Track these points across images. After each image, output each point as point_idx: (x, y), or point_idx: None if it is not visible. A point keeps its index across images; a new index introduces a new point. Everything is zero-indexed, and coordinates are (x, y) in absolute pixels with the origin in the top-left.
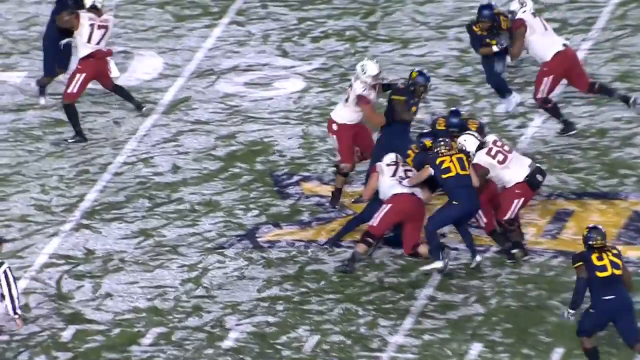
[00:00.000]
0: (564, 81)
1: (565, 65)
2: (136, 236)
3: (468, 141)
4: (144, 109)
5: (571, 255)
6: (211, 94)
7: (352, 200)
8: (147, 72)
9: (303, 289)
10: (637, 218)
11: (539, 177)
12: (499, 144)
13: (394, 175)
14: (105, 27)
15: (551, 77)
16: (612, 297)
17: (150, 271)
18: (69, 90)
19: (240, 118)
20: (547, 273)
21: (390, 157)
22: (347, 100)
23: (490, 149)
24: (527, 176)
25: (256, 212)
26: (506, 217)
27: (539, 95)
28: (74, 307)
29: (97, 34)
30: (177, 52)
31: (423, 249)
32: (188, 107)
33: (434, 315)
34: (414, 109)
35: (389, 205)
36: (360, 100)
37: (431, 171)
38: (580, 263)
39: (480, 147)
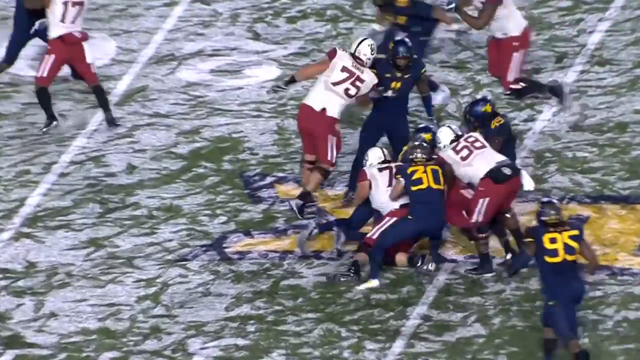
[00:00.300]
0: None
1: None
2: (85, 246)
3: (443, 133)
4: (116, 125)
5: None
6: (172, 82)
7: (338, 205)
8: (98, 57)
9: (278, 307)
10: None
11: (506, 171)
12: (471, 139)
13: (390, 184)
14: (81, 4)
15: (522, 51)
16: (569, 282)
17: (102, 287)
18: (38, 74)
19: (206, 110)
20: None
21: (377, 154)
22: (354, 95)
23: (458, 144)
24: (489, 171)
25: (224, 218)
26: (473, 220)
27: (511, 76)
28: (12, 328)
29: (72, 11)
30: (133, 35)
31: (400, 257)
32: (145, 98)
33: (429, 337)
34: (395, 85)
35: (393, 219)
36: (372, 90)
37: (403, 182)
38: (531, 240)
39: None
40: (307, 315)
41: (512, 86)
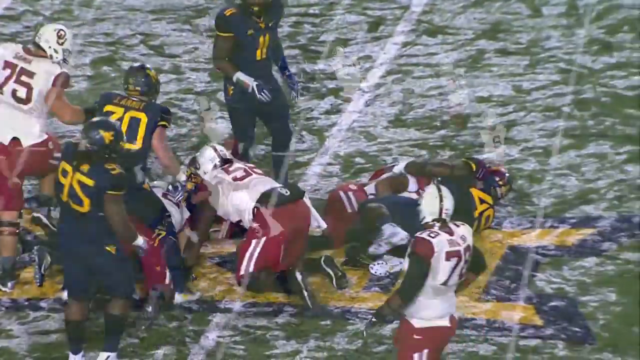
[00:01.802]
0: None
1: None
2: None
3: (205, 152)
4: None
5: None
6: None
7: None
8: None
9: None
10: (515, 259)
11: (283, 191)
12: (251, 165)
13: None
14: None
15: None
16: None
17: None
18: None
19: None
20: (376, 347)
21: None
22: (27, 100)
23: (231, 164)
24: (262, 194)
25: None
26: (241, 272)
27: None
28: None
29: None
30: None
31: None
32: None
33: None
34: (264, 41)
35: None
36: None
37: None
38: None
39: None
40: None
41: None
